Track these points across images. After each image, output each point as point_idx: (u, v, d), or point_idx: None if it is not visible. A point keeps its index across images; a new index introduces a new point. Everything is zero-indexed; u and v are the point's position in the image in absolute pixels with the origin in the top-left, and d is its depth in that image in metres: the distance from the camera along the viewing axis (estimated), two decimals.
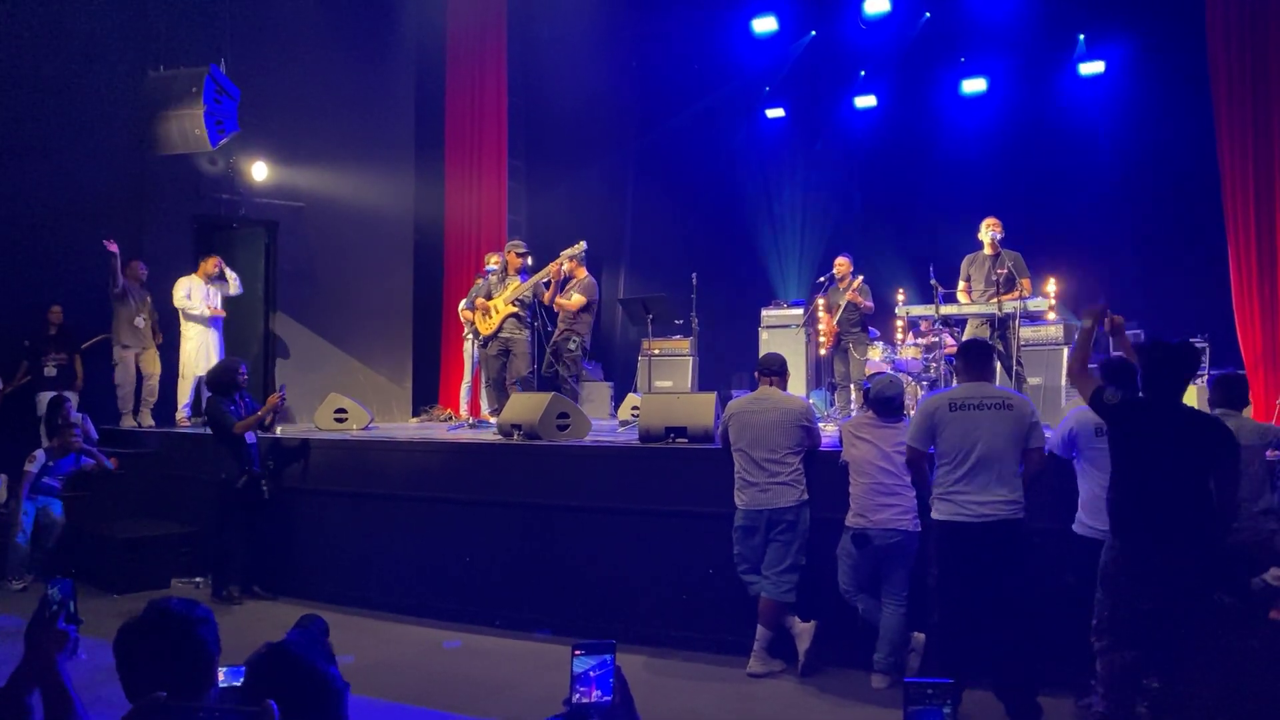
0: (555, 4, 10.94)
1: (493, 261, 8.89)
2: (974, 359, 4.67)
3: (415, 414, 10.64)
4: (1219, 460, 3.73)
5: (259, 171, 9.80)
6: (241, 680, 1.93)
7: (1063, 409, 7.54)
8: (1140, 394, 3.96)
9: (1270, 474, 4.58)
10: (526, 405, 6.94)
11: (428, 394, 10.91)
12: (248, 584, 6.91)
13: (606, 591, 6.01)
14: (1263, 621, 3.98)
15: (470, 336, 9.55)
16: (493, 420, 7.87)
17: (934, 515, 4.49)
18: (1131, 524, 3.81)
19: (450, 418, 9.95)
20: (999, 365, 7.72)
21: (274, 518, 7.06)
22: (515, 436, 6.77)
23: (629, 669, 2.00)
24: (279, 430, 7.97)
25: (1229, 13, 8.42)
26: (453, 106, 11.29)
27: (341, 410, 8.32)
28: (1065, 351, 8.69)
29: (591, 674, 1.95)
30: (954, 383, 5.49)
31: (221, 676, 2.11)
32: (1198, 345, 9.93)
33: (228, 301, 9.31)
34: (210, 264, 9.05)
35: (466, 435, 7.89)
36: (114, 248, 8.57)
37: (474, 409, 9.64)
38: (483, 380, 9.15)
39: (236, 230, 10.38)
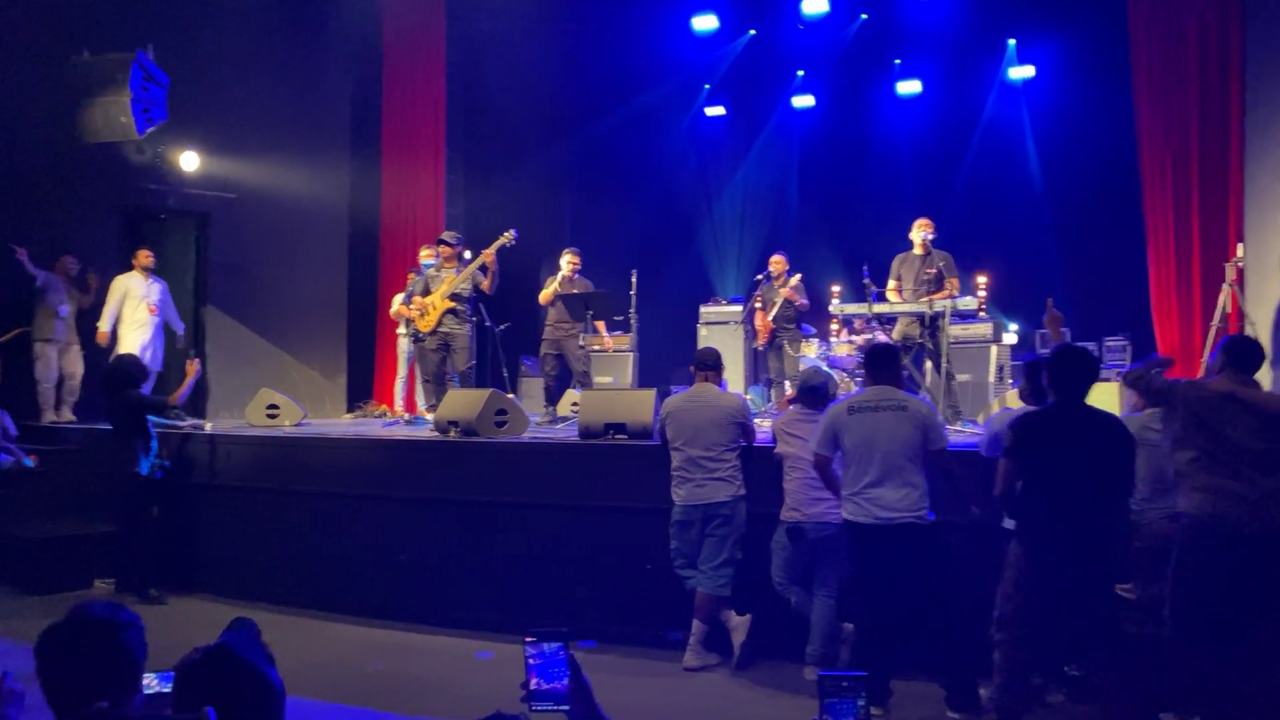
0: None
1: (426, 255, 8.81)
2: (876, 363, 4.78)
3: (350, 410, 10.49)
4: (1119, 458, 3.94)
5: (189, 161, 9.53)
6: (172, 686, 1.88)
7: (990, 404, 7.75)
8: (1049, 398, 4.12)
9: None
10: (463, 402, 6.90)
11: (362, 390, 10.76)
12: (161, 583, 6.79)
13: (544, 588, 6.02)
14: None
15: (405, 332, 9.47)
16: (429, 417, 7.81)
17: (844, 515, 4.58)
18: (1040, 522, 3.98)
19: (385, 414, 9.84)
20: (929, 362, 7.91)
21: (202, 515, 6.93)
22: (452, 433, 6.72)
23: None
24: (208, 426, 7.81)
25: (1150, 19, 8.70)
26: (390, 98, 11.14)
27: (274, 406, 8.18)
28: (994, 349, 8.94)
29: (546, 663, 1.97)
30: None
31: (152, 682, 2.06)
32: (1119, 344, 10.40)
33: None
34: (144, 256, 8.76)
35: (402, 432, 7.82)
36: (21, 253, 8.31)
37: (409, 405, 9.55)
38: (419, 376, 9.06)
39: (165, 221, 10.12)
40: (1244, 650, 3.76)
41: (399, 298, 9.75)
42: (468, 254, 8.36)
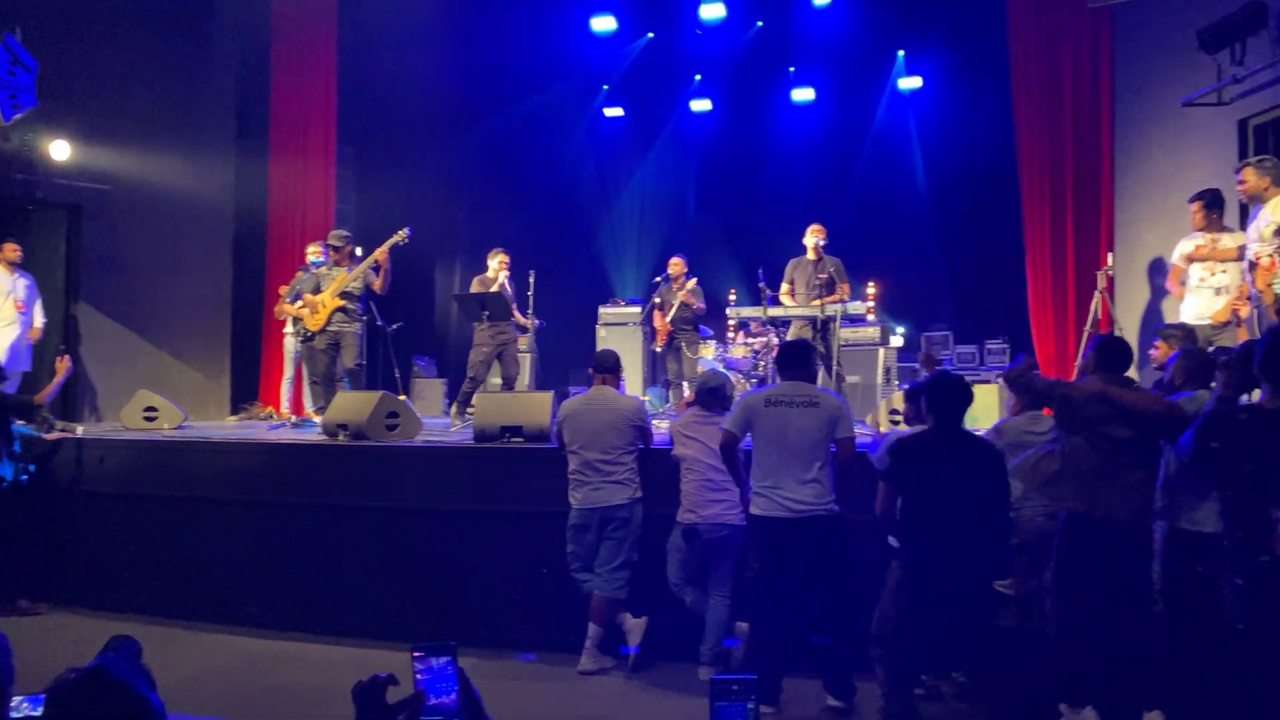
0: None
1: (313, 252, 8.56)
2: (790, 359, 4.88)
3: (234, 412, 10.12)
4: (992, 482, 4.13)
5: (60, 150, 9.00)
6: (42, 710, 1.76)
7: (878, 405, 7.97)
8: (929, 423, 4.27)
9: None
10: (353, 404, 6.73)
11: (247, 391, 10.38)
12: (31, 594, 6.45)
13: (437, 594, 5.91)
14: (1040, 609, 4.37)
15: (292, 332, 9.19)
16: (317, 419, 7.59)
17: (751, 510, 4.66)
18: (919, 542, 4.14)
19: (271, 416, 9.52)
20: (821, 365, 8.09)
21: (76, 523, 6.58)
22: (341, 437, 6.54)
23: None
24: (79, 430, 7.41)
25: (1030, 36, 9.10)
26: (278, 90, 10.77)
27: (151, 409, 7.84)
28: (881, 352, 9.21)
29: (434, 676, 1.91)
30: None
31: (21, 706, 1.94)
32: (999, 346, 10.83)
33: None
34: (9, 250, 8.23)
35: (288, 435, 7.58)
36: None
37: (296, 407, 9.27)
38: (306, 377, 8.81)
39: (33, 213, 9.52)
40: (1124, 638, 3.95)
41: (285, 296, 9.46)
42: (359, 251, 8.16)
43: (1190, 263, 6.26)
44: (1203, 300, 6.16)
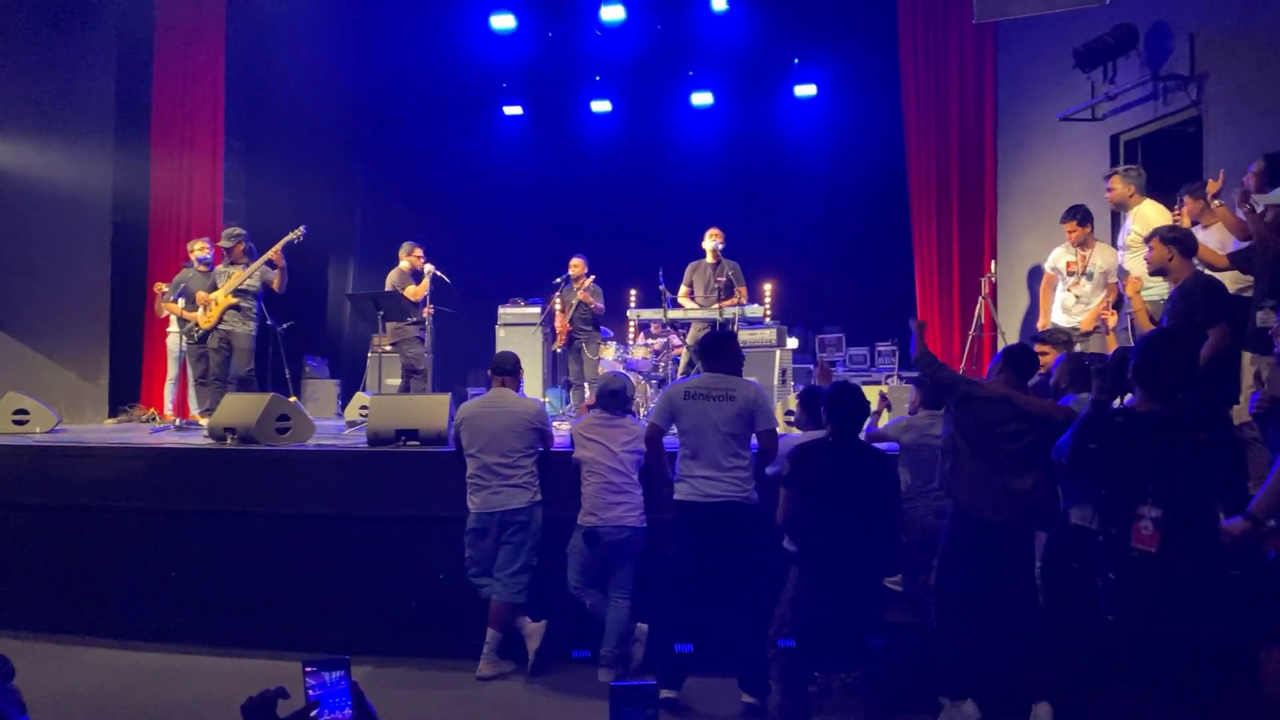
0: None
1: (199, 249, 8.25)
2: (710, 350, 4.98)
3: (113, 415, 9.66)
4: (886, 487, 4.30)
5: None
6: None
7: (774, 407, 8.12)
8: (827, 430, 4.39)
9: None
10: (241, 406, 6.50)
11: (128, 393, 9.92)
12: None
13: (331, 602, 5.76)
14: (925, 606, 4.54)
15: (176, 330, 8.85)
16: (203, 422, 7.31)
17: (675, 496, 4.76)
18: (816, 546, 4.24)
19: (154, 418, 9.13)
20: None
21: None
22: (229, 440, 6.32)
23: (356, 682, 1.93)
24: None
25: (919, 48, 9.43)
26: (161, 80, 10.32)
27: (22, 411, 7.43)
28: (778, 354, 9.38)
29: (328, 691, 1.87)
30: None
31: None
32: (888, 349, 11.16)
33: None
34: None
35: (172, 439, 7.27)
36: None
37: (180, 409, 8.92)
38: (191, 378, 8.49)
39: None
40: (1004, 632, 4.13)
41: (168, 294, 9.09)
42: (253, 246, 7.95)
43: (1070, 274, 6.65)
44: (1073, 309, 6.56)
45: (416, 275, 8.51)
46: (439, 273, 8.53)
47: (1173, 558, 3.17)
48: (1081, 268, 6.51)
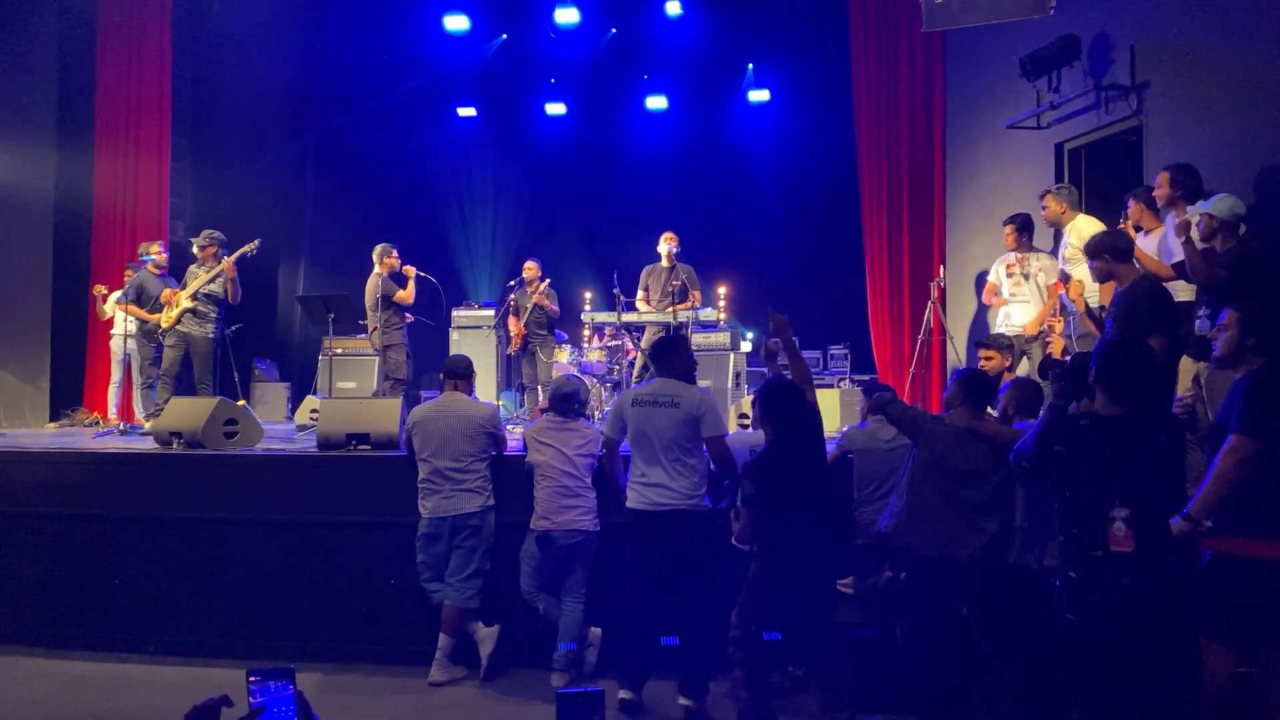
0: None
1: (155, 252, 8.17)
2: (659, 355, 4.97)
3: (54, 418, 9.42)
4: (832, 490, 4.38)
5: None
6: None
7: (728, 409, 8.17)
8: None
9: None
10: (188, 410, 6.38)
11: (70, 396, 9.68)
12: None
13: (279, 609, 5.68)
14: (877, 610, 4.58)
15: (121, 333, 8.69)
16: (148, 425, 7.18)
17: (626, 503, 4.76)
18: (774, 545, 4.25)
19: (97, 422, 8.93)
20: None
21: None
22: (175, 445, 6.20)
23: (305, 690, 1.91)
24: None
25: (870, 56, 9.55)
26: (105, 78, 10.11)
27: None
28: (732, 357, 9.45)
29: (272, 700, 1.85)
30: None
31: None
32: (841, 351, 11.29)
33: None
34: None
35: (116, 444, 7.12)
36: None
37: (125, 413, 8.74)
38: (138, 381, 8.35)
39: None
40: (968, 664, 4.11)
41: (116, 295, 8.93)
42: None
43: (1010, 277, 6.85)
44: (1015, 312, 6.76)
45: (397, 278, 8.36)
46: (424, 274, 8.44)
47: (1144, 557, 3.25)
48: (1020, 269, 6.82)
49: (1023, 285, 6.77)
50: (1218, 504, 3.41)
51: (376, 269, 8.35)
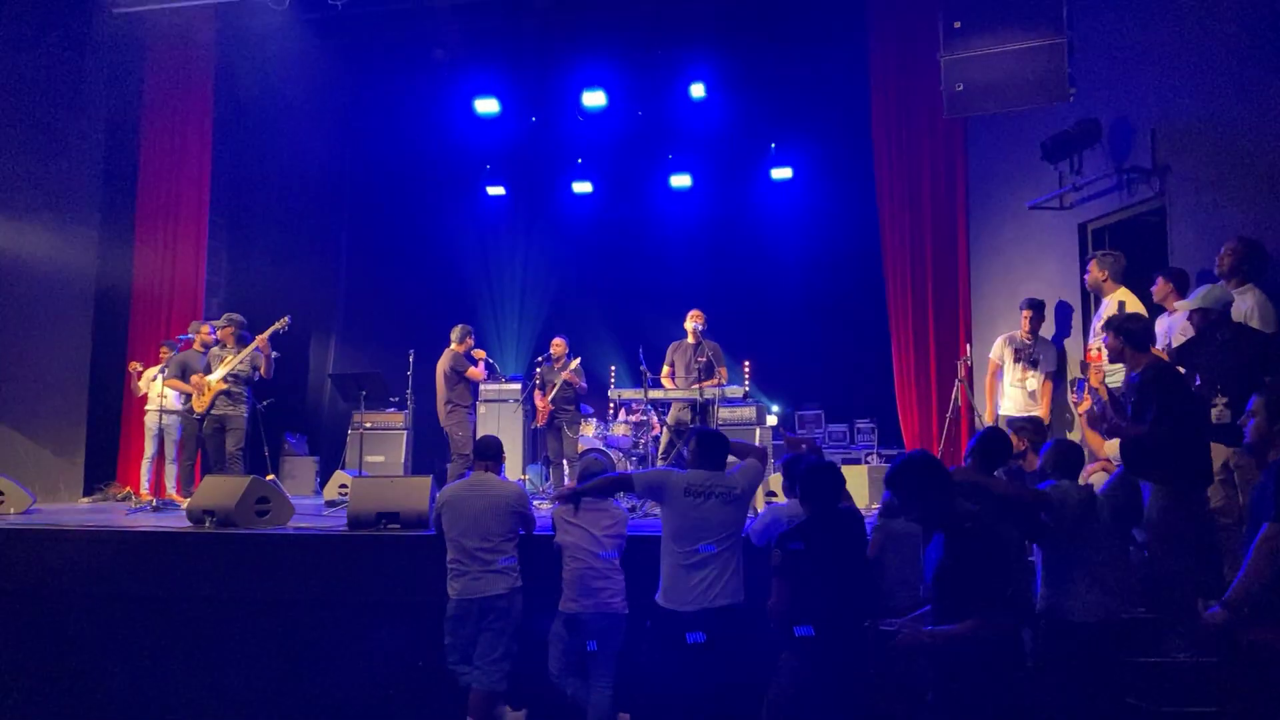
0: (267, 66, 10.46)
1: (205, 332, 8.52)
2: (704, 450, 4.83)
3: (88, 493, 9.54)
4: (865, 561, 4.35)
5: None
6: None
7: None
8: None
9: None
10: (221, 489, 6.46)
11: (104, 470, 9.81)
12: None
13: (307, 690, 5.67)
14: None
15: (156, 409, 8.85)
16: (183, 503, 7.27)
17: (658, 600, 4.62)
18: (810, 621, 4.16)
19: (130, 497, 9.03)
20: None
21: None
22: (208, 523, 6.27)
23: None
24: None
25: (890, 136, 9.70)
26: (148, 160, 10.45)
27: None
28: (758, 430, 9.46)
29: None
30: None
31: None
32: (867, 426, 11.26)
33: None
34: None
35: (148, 521, 7.18)
36: None
37: (157, 488, 8.85)
38: (168, 456, 8.56)
39: None
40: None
41: (151, 372, 9.12)
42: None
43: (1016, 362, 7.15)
44: (1018, 398, 6.85)
45: (469, 358, 8.85)
46: (489, 360, 8.82)
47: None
48: (1029, 355, 7.03)
49: (1030, 373, 6.97)
50: (1257, 592, 3.37)
51: (454, 346, 8.65)
